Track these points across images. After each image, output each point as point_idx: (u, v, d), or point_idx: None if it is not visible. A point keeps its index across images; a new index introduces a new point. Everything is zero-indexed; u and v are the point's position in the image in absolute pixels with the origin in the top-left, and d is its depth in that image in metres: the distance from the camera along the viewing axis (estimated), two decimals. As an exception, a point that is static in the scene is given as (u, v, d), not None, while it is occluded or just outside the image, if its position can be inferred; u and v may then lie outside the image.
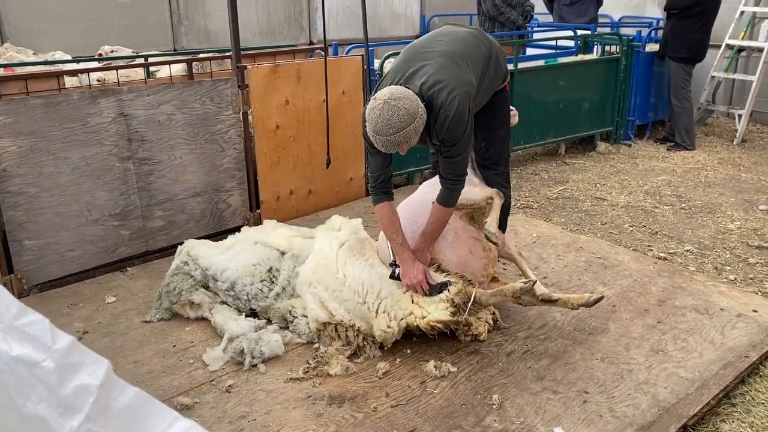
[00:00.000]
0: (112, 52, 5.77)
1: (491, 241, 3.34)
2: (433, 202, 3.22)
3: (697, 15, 6.91)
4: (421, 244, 3.25)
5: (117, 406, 1.60)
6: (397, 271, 3.18)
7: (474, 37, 3.36)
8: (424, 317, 3.05)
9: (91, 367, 1.57)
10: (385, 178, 3.24)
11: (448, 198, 3.17)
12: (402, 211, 3.49)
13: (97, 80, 4.48)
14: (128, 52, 6.01)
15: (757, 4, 7.85)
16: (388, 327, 3.04)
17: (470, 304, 3.02)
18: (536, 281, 3.07)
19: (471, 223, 3.46)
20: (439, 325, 3.03)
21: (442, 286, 3.11)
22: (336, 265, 3.18)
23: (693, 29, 6.96)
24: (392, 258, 3.26)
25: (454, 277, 3.13)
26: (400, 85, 3.01)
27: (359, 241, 3.36)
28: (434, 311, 3.03)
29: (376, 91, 3.09)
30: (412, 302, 3.10)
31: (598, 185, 6.05)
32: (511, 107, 3.86)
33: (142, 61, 5.28)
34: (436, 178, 3.71)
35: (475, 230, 3.44)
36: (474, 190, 3.50)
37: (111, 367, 1.59)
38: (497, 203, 3.46)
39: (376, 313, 3.06)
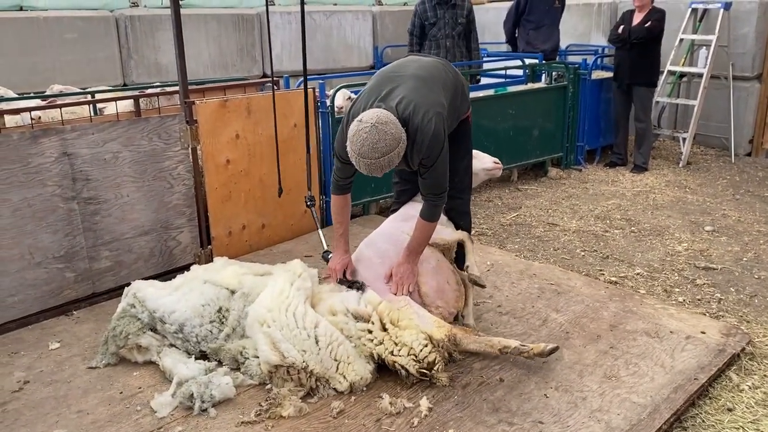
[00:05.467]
0: (60, 92, 5.64)
1: (479, 285, 3.54)
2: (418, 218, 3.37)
3: (658, 39, 7.23)
4: (405, 258, 3.35)
5: None
6: (329, 257, 3.62)
7: (441, 64, 3.49)
8: (392, 353, 3.06)
9: None
10: (347, 183, 3.46)
11: (432, 213, 3.30)
12: (370, 247, 3.65)
13: (32, 119, 4.35)
14: (73, 89, 5.88)
15: (694, 32, 8.17)
16: (361, 378, 3.03)
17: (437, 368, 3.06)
18: (531, 349, 3.16)
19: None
20: (402, 370, 3.05)
21: (354, 284, 3.37)
22: (293, 306, 3.13)
23: (656, 53, 7.30)
24: (325, 247, 3.84)
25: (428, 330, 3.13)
26: (377, 106, 3.06)
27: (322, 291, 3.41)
28: (404, 359, 3.03)
29: (348, 115, 3.20)
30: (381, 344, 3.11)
31: (550, 210, 6.15)
32: (496, 160, 4.12)
33: (87, 98, 5.18)
34: (403, 211, 3.78)
35: (450, 264, 3.60)
36: (446, 230, 3.68)
37: None
38: (470, 247, 3.63)
39: (338, 362, 3.04)
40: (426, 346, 3.04)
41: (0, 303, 3.70)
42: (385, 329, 3.11)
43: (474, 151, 3.88)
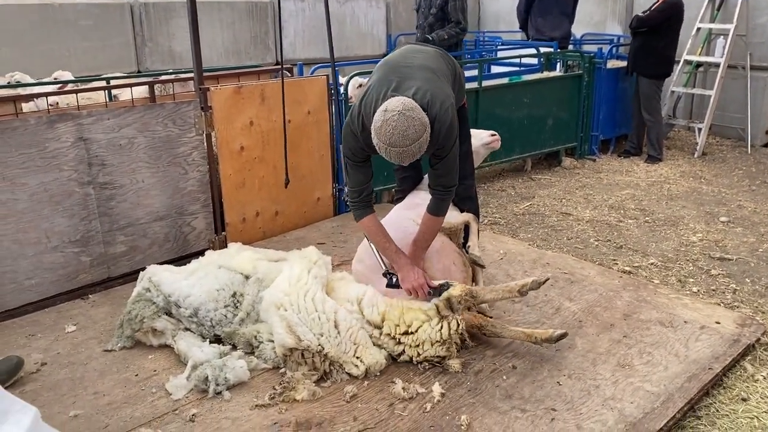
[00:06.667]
0: (54, 78, 5.65)
1: (479, 265, 3.53)
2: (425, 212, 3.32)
3: (665, 31, 7.11)
4: (413, 253, 3.33)
5: None
6: (394, 279, 3.25)
7: (441, 55, 3.48)
8: (419, 354, 3.07)
9: (17, 415, 1.52)
10: (367, 192, 3.32)
11: (439, 208, 3.27)
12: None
13: (50, 105, 4.38)
14: (70, 76, 5.87)
15: (712, 21, 8.07)
16: (377, 362, 3.06)
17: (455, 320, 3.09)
18: (548, 278, 3.28)
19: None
20: (437, 358, 3.09)
21: (443, 288, 3.16)
22: (312, 292, 3.16)
23: (661, 45, 7.16)
24: (384, 267, 3.33)
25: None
26: (391, 96, 3.02)
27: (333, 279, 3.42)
28: (431, 350, 3.05)
29: (360, 106, 3.14)
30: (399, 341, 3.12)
31: (563, 200, 6.12)
32: (493, 132, 4.09)
33: (102, 84, 5.21)
34: (408, 200, 3.79)
35: (456, 246, 3.60)
36: (452, 213, 3.65)
37: (39, 415, 1.54)
38: (475, 228, 3.66)
39: (357, 346, 3.06)
40: (440, 328, 3.05)
41: (17, 286, 3.75)
42: (399, 342, 3.12)
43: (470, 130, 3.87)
